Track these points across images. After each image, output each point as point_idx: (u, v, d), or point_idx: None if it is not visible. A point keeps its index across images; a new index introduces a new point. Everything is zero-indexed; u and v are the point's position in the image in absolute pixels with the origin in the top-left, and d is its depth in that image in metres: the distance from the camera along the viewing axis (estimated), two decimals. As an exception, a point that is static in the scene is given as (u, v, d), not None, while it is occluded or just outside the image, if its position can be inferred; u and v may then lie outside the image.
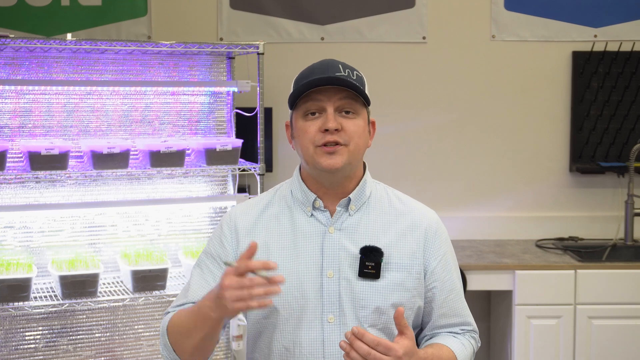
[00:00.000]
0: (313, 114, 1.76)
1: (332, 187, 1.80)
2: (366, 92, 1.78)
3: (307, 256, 1.79)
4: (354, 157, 1.76)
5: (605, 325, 3.56)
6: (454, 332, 1.88)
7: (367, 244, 1.78)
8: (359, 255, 1.77)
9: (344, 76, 1.73)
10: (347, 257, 1.78)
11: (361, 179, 1.84)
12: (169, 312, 1.87)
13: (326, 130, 1.73)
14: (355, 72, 1.78)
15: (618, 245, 3.92)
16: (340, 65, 1.77)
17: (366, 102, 1.78)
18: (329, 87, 1.73)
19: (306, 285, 1.77)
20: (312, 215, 1.81)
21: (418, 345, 1.88)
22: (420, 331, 1.92)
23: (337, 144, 1.73)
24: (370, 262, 1.76)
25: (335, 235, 1.79)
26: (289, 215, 1.83)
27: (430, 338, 1.88)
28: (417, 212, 1.86)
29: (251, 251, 1.60)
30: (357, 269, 1.77)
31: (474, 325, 1.92)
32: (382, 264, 1.77)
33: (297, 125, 1.78)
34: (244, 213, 1.87)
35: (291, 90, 1.79)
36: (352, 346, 1.59)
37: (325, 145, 1.73)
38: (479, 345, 1.94)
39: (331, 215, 1.81)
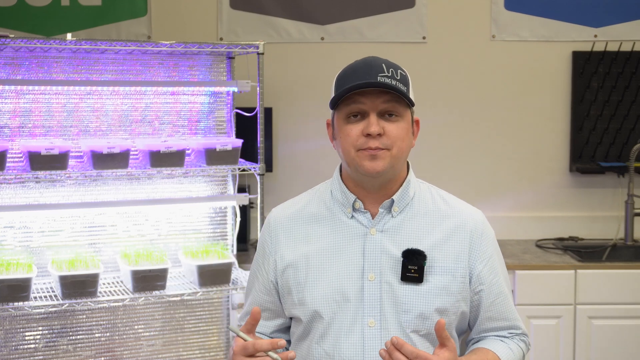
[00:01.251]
0: (355, 116, 1.71)
1: (373, 190, 1.77)
2: (410, 90, 1.74)
3: (348, 258, 1.75)
4: (396, 161, 1.73)
5: (605, 325, 3.56)
6: (502, 336, 1.82)
7: (410, 247, 1.74)
8: (402, 259, 1.73)
9: (387, 77, 1.68)
10: (389, 260, 1.73)
11: (404, 180, 1.80)
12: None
13: (368, 134, 1.69)
14: (399, 70, 1.72)
15: (618, 245, 3.92)
16: (383, 65, 1.71)
17: (411, 103, 1.74)
18: (372, 89, 1.69)
19: (347, 288, 1.73)
20: (352, 216, 1.77)
21: (466, 348, 1.86)
22: (467, 335, 1.88)
23: (378, 148, 1.69)
24: (413, 266, 1.71)
25: (377, 237, 1.75)
26: (329, 216, 1.80)
27: (477, 342, 1.84)
28: (462, 213, 1.81)
29: (254, 319, 1.61)
30: (400, 273, 1.72)
31: (524, 329, 1.86)
32: (425, 268, 1.72)
33: (339, 127, 1.75)
34: (282, 217, 1.85)
35: (332, 88, 1.76)
36: (390, 356, 1.56)
37: (367, 148, 1.70)
38: (530, 348, 1.89)
39: (372, 217, 1.77)
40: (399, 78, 1.71)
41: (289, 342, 1.87)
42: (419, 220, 1.78)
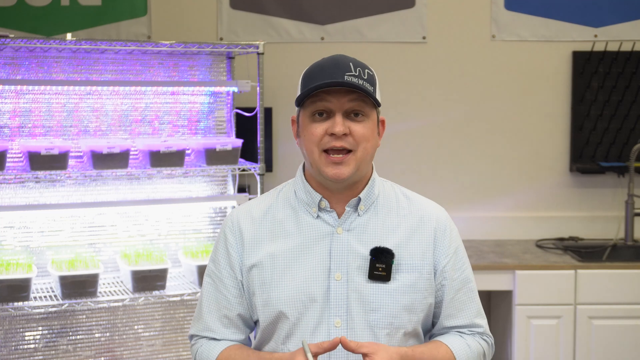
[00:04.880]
0: (321, 114, 1.70)
1: (338, 191, 1.75)
2: (377, 90, 1.73)
3: (314, 258, 1.73)
4: (361, 163, 1.71)
5: (606, 325, 3.56)
6: (462, 333, 1.81)
7: (377, 245, 1.73)
8: (369, 257, 1.72)
9: (355, 76, 1.67)
10: (356, 259, 1.73)
11: (369, 179, 1.79)
12: (197, 339, 1.83)
13: (333, 134, 1.67)
14: (366, 70, 1.71)
15: (618, 245, 3.92)
16: (351, 64, 1.69)
17: (377, 103, 1.72)
18: (338, 88, 1.67)
19: (313, 288, 1.71)
20: (318, 216, 1.76)
21: None
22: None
23: (343, 149, 1.68)
24: (381, 264, 1.71)
25: (344, 236, 1.74)
26: (294, 217, 1.77)
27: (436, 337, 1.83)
28: (425, 209, 1.81)
29: (332, 345, 1.62)
30: (367, 271, 1.71)
31: (486, 329, 1.85)
32: (392, 266, 1.72)
33: (304, 125, 1.73)
34: (246, 217, 1.81)
35: (298, 85, 1.74)
36: None
37: (331, 151, 1.68)
38: (493, 351, 1.87)
39: (338, 216, 1.75)
40: (366, 77, 1.69)
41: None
42: (384, 218, 1.77)
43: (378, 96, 1.74)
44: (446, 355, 1.75)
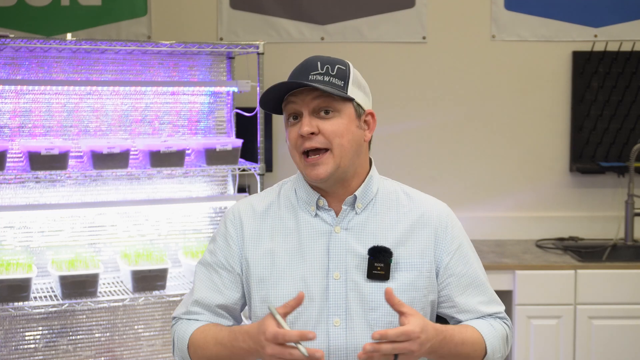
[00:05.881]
0: (295, 118, 1.72)
1: (331, 190, 1.75)
2: (350, 83, 1.71)
3: (313, 257, 1.73)
4: (341, 159, 1.70)
5: (606, 325, 3.56)
6: (483, 317, 1.80)
7: (375, 244, 1.72)
8: (367, 256, 1.72)
9: (320, 74, 1.68)
10: (355, 258, 1.72)
11: (366, 176, 1.78)
12: (179, 319, 1.83)
13: (302, 135, 1.69)
14: (337, 65, 1.71)
15: (618, 245, 3.92)
16: (319, 62, 1.71)
17: (347, 97, 1.70)
18: (302, 88, 1.69)
19: (311, 287, 1.71)
20: (316, 215, 1.76)
21: None
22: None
23: (317, 149, 1.69)
24: (379, 263, 1.70)
25: (342, 235, 1.74)
26: (293, 215, 1.78)
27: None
28: (426, 207, 1.80)
29: (298, 303, 1.59)
30: (365, 270, 1.71)
31: (504, 314, 1.83)
32: (391, 265, 1.71)
33: (286, 129, 1.77)
34: (248, 211, 1.82)
35: None
36: (378, 350, 1.53)
37: (310, 152, 1.69)
38: (512, 335, 1.86)
39: (336, 215, 1.75)
40: (334, 73, 1.69)
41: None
42: (383, 217, 1.76)
43: (352, 89, 1.71)
44: (474, 334, 1.73)
